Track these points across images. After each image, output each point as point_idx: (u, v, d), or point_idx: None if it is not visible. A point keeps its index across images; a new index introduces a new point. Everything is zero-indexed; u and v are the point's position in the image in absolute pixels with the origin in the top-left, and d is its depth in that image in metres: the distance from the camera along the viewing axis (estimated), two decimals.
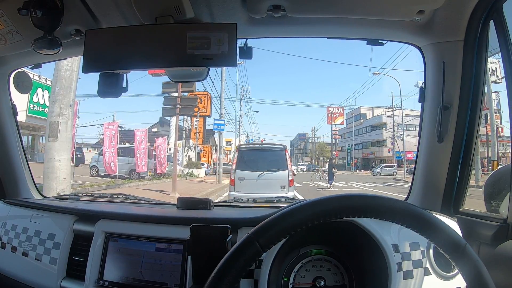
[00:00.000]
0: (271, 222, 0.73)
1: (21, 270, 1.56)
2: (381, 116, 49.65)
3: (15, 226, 1.66)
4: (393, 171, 36.42)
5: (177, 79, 1.66)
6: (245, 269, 0.70)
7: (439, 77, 1.40)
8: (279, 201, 1.95)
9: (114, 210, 1.60)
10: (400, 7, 1.28)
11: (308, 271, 1.33)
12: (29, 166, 2.03)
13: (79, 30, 1.42)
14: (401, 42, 1.58)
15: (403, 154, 33.17)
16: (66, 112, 6.80)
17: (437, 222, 0.74)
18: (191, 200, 1.65)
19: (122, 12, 1.33)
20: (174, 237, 1.33)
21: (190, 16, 1.31)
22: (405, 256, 1.23)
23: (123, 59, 1.26)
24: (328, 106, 57.04)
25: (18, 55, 1.66)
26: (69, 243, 1.51)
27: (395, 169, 36.97)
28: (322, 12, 1.35)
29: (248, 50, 1.41)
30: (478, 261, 0.72)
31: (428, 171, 1.53)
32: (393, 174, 35.05)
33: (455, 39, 1.35)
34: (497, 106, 16.02)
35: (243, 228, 1.33)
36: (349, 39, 1.58)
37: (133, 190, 12.95)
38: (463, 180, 1.44)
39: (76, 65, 6.92)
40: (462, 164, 1.43)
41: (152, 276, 1.30)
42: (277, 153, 9.64)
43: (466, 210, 1.44)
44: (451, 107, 1.39)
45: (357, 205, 0.73)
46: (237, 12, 1.34)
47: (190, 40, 1.21)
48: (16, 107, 1.92)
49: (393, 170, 36.52)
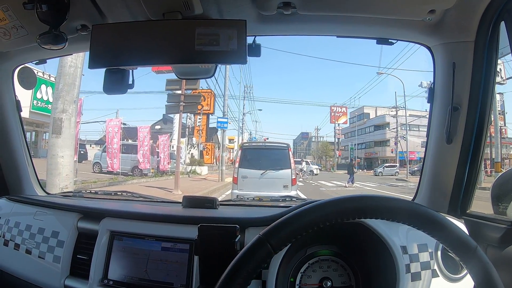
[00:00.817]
0: (283, 223, 0.71)
1: (24, 268, 1.56)
2: (385, 116, 49.59)
3: (18, 223, 1.65)
4: (395, 171, 36.80)
5: (184, 76, 1.65)
6: (256, 271, 0.69)
7: (449, 78, 1.38)
8: (285, 200, 1.94)
9: (119, 208, 1.59)
10: (411, 6, 1.27)
11: (315, 272, 1.32)
12: (32, 162, 2.03)
13: (85, 25, 1.41)
14: (411, 42, 1.56)
15: (406, 154, 33.21)
16: (69, 108, 6.80)
17: (448, 223, 0.73)
18: (196, 199, 1.64)
19: (129, 7, 1.31)
20: (180, 236, 1.32)
21: (198, 12, 1.29)
22: (413, 257, 1.22)
23: (129, 55, 1.24)
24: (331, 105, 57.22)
25: (23, 50, 1.64)
26: (73, 241, 1.50)
27: (397, 169, 37.34)
28: (332, 10, 1.34)
29: (256, 47, 1.39)
30: (489, 263, 0.71)
31: (436, 172, 1.52)
32: (395, 174, 35.32)
33: (465, 40, 1.33)
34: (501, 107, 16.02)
35: (251, 228, 1.32)
36: (359, 38, 1.56)
37: (136, 187, 12.98)
38: (470, 182, 1.43)
39: (80, 62, 6.93)
40: (470, 166, 1.41)
41: (158, 275, 1.29)
42: (280, 152, 9.63)
43: (473, 212, 1.43)
44: (461, 108, 1.38)
45: (370, 206, 0.72)
46: (246, 8, 1.33)
47: (199, 37, 1.19)
48: (20, 103, 1.92)
49: (395, 170, 36.89)
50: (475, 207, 1.44)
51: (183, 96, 12.97)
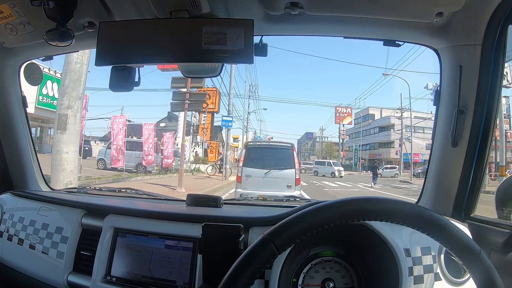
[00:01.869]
0: (287, 223, 0.72)
1: (27, 263, 1.57)
2: (390, 117, 49.42)
3: (22, 218, 1.66)
4: (395, 172, 36.83)
5: (190, 74, 1.65)
6: (260, 271, 0.69)
7: (456, 81, 1.37)
8: (289, 200, 1.94)
9: (123, 205, 1.59)
10: (419, 8, 1.26)
11: (317, 273, 1.32)
12: (37, 158, 2.04)
13: (92, 22, 1.41)
14: (418, 44, 1.55)
15: (411, 156, 33.10)
16: (75, 104, 6.86)
17: (451, 227, 0.73)
18: (200, 197, 1.65)
19: (137, 5, 1.32)
20: (183, 234, 1.32)
21: (206, 11, 1.29)
22: (417, 260, 1.21)
23: (136, 52, 1.24)
24: (336, 106, 57.01)
25: (29, 46, 1.65)
26: (77, 237, 1.50)
27: (396, 170, 37.39)
28: (339, 11, 1.34)
29: (263, 47, 1.39)
30: (492, 268, 0.71)
31: (441, 175, 1.51)
32: (395, 176, 35.28)
33: (473, 43, 1.32)
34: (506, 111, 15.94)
35: (255, 227, 1.32)
36: (366, 39, 1.56)
37: (140, 184, 13.01)
38: (475, 186, 1.42)
39: (86, 58, 6.98)
40: (475, 170, 1.40)
41: (161, 273, 1.29)
42: (285, 151, 9.59)
43: (477, 216, 1.42)
44: (467, 112, 1.37)
45: (375, 209, 0.73)
46: (253, 8, 1.33)
47: (206, 36, 1.20)
48: (26, 99, 1.93)
49: (395, 172, 36.92)
50: (481, 210, 1.43)
51: (188, 94, 13.01)
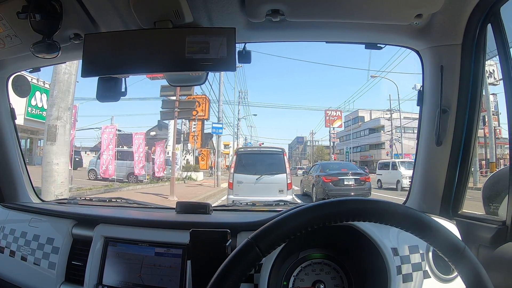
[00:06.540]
0: (271, 227, 0.72)
1: (19, 275, 1.55)
2: (379, 119, 49.73)
3: (13, 230, 1.65)
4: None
5: (176, 83, 1.66)
6: (245, 274, 0.69)
7: (437, 81, 1.40)
8: (278, 205, 1.93)
9: (113, 214, 1.59)
10: (398, 11, 1.28)
11: (307, 275, 1.32)
12: (27, 169, 2.02)
13: (78, 34, 1.42)
14: (399, 46, 1.57)
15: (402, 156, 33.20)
16: (64, 115, 6.78)
17: (436, 225, 0.74)
18: (190, 204, 1.65)
19: (121, 16, 1.33)
20: (173, 241, 1.32)
21: (189, 20, 1.31)
22: (404, 259, 1.23)
23: (122, 63, 1.25)
24: (326, 109, 57.19)
25: (17, 58, 1.65)
26: (68, 247, 1.50)
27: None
28: (320, 17, 1.35)
29: (247, 54, 1.41)
30: (477, 264, 0.72)
31: (427, 174, 1.53)
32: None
33: (453, 43, 1.35)
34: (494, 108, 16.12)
35: (242, 232, 1.32)
36: (348, 43, 1.57)
37: (131, 193, 12.87)
38: (461, 183, 1.44)
39: (75, 69, 6.90)
40: (461, 167, 1.42)
41: (152, 280, 1.29)
42: (275, 157, 9.61)
43: (465, 212, 1.43)
44: (449, 110, 1.39)
45: (357, 209, 0.73)
46: (236, 16, 1.34)
47: (189, 45, 1.21)
48: (14, 111, 1.91)
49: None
50: (473, 207, 1.45)
51: (177, 102, 12.97)
